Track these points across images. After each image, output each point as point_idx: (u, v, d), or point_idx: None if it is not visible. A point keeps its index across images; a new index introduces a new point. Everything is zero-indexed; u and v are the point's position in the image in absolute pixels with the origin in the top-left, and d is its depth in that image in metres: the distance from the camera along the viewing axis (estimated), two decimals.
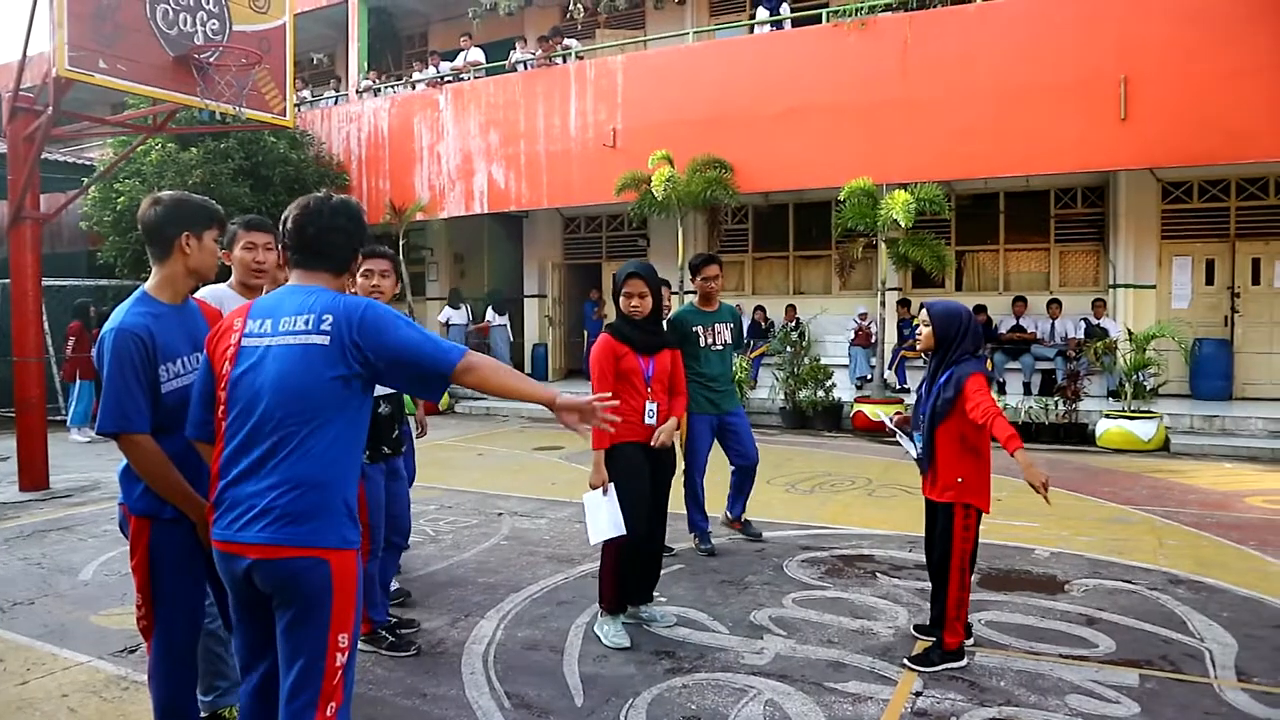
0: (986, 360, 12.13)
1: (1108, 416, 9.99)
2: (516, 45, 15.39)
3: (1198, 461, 9.13)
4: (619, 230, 16.14)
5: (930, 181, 10.86)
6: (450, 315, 15.73)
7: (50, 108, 7.98)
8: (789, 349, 12.09)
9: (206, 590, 2.88)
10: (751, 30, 13.79)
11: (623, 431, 4.14)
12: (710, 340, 5.79)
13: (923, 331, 3.95)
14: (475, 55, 15.58)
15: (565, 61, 14.31)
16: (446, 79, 15.46)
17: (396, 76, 16.53)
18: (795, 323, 13.55)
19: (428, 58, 16.70)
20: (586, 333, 16.08)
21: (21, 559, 5.87)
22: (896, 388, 12.52)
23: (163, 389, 2.70)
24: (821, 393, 11.71)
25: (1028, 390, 12.15)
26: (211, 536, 2.34)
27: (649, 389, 4.23)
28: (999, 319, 12.70)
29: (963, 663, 3.83)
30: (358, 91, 16.34)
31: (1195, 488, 7.73)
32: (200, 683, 3.07)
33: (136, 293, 2.82)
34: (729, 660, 3.96)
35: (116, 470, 2.86)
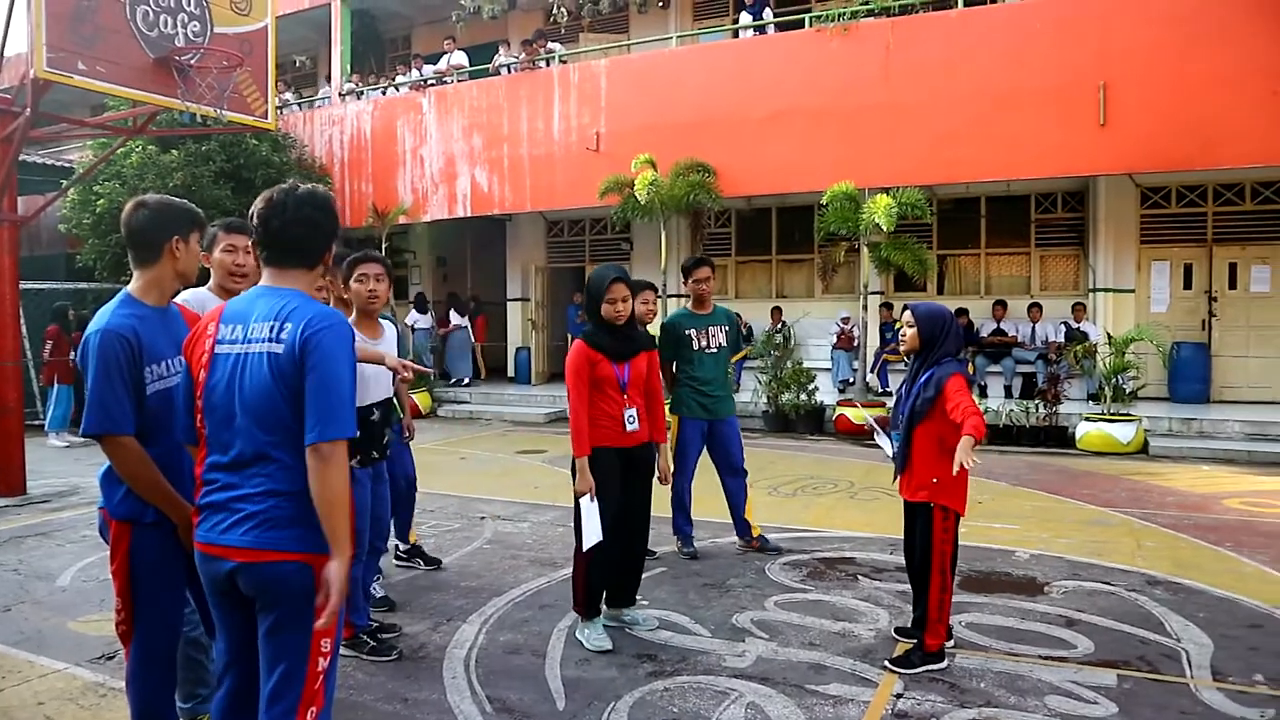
0: (968, 363, 12.23)
1: (1088, 419, 10.08)
2: (500, 49, 15.37)
3: (1176, 464, 9.23)
4: (602, 234, 16.13)
5: (912, 186, 10.92)
6: (416, 319, 15.83)
7: (28, 109, 7.92)
8: (774, 352, 12.13)
9: (187, 596, 2.87)
10: (735, 35, 13.84)
11: (602, 438, 4.16)
12: (704, 343, 5.76)
13: (907, 333, 3.97)
14: (459, 59, 15.55)
15: (549, 65, 14.31)
16: (430, 82, 15.44)
17: (378, 79, 16.45)
18: (781, 325, 13.59)
19: (411, 61, 16.66)
20: (570, 336, 16.01)
21: None
22: (879, 391, 12.57)
23: (147, 390, 2.69)
24: (804, 396, 11.76)
25: (1009, 393, 12.22)
26: (195, 539, 2.34)
27: (624, 395, 4.23)
28: (980, 323, 12.77)
29: (943, 664, 3.85)
30: (340, 94, 16.28)
31: (1173, 490, 7.81)
32: (180, 690, 3.05)
33: (120, 295, 2.80)
34: (711, 663, 3.97)
35: (96, 475, 2.84)
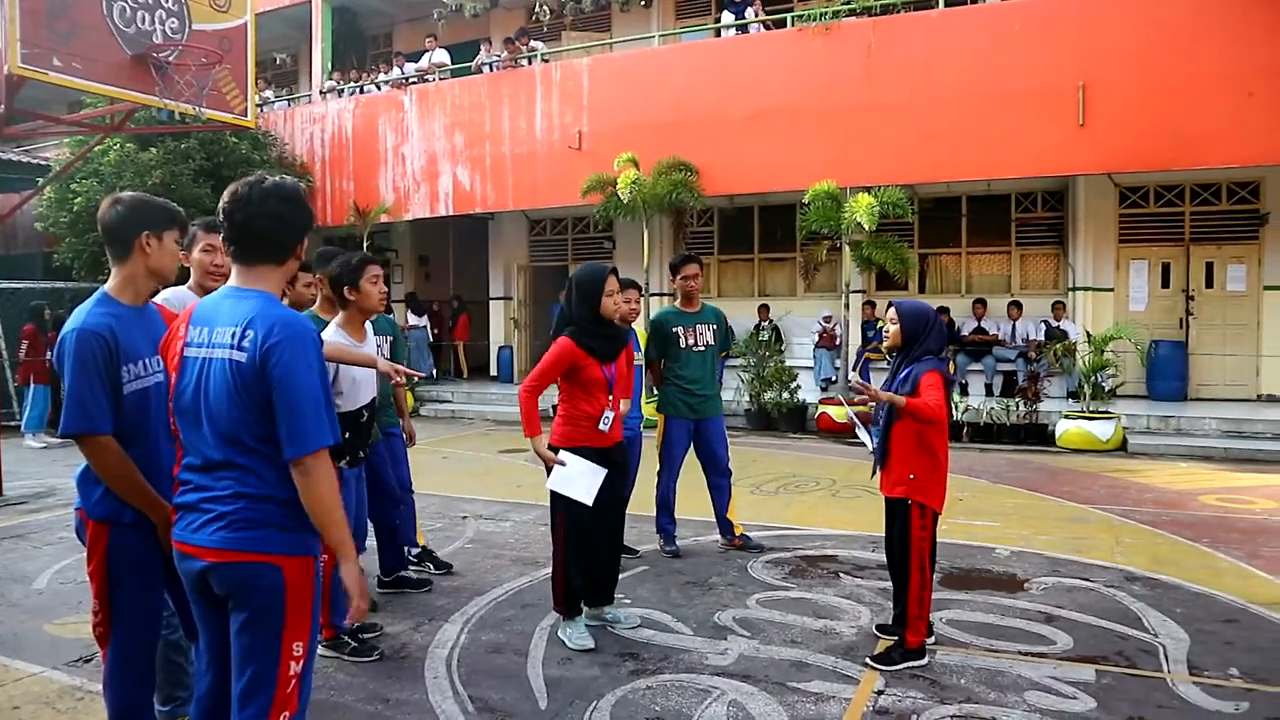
0: (949, 362, 12.29)
1: (1067, 417, 10.16)
2: (482, 47, 15.31)
3: (1154, 461, 9.32)
4: (585, 233, 16.11)
5: (893, 185, 10.98)
6: (413, 320, 15.83)
7: (2, 106, 7.83)
8: (761, 350, 12.14)
9: (165, 598, 2.84)
10: (717, 34, 13.86)
11: (581, 438, 4.15)
12: (691, 342, 5.76)
13: (890, 329, 4.00)
14: (440, 57, 15.49)
15: (531, 63, 14.28)
16: (411, 80, 15.37)
17: (360, 77, 16.36)
18: (769, 322, 13.56)
19: (393, 59, 16.58)
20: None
21: None
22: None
23: (124, 390, 2.66)
24: (786, 394, 11.79)
25: (989, 391, 12.31)
26: (172, 537, 2.32)
27: (610, 397, 4.20)
28: (961, 321, 12.85)
29: (924, 661, 3.87)
30: (321, 92, 16.18)
31: (1151, 487, 7.88)
32: (158, 692, 3.02)
33: (97, 294, 2.77)
34: (693, 661, 3.98)
35: (73, 475, 2.81)
